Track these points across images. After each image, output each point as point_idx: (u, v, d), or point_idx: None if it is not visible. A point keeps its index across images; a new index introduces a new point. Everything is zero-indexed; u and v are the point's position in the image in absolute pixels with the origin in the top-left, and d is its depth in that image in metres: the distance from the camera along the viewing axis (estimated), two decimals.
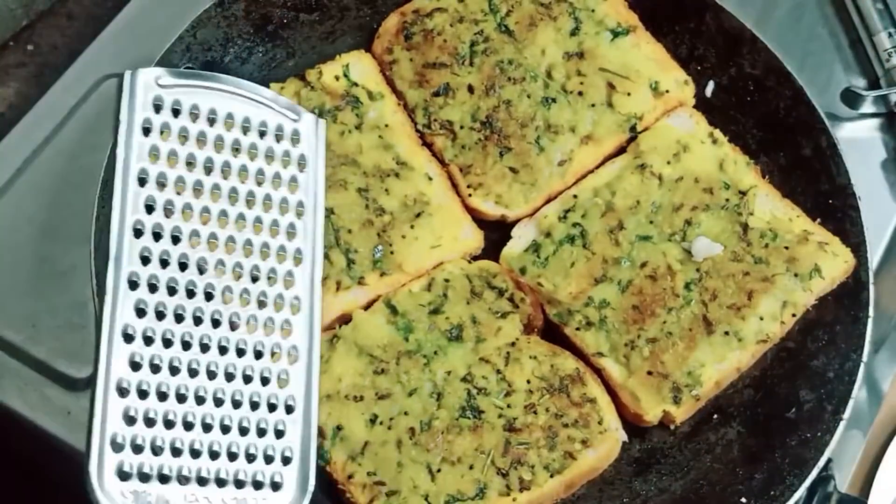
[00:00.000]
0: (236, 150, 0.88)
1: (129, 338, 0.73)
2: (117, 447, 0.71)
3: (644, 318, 1.15)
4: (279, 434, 0.74)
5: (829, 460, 1.14)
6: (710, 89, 1.30)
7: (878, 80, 1.39)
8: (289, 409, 0.75)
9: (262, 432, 0.74)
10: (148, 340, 0.73)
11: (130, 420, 0.70)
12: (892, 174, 1.37)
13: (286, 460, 0.74)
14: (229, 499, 0.72)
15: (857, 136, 1.37)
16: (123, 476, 0.70)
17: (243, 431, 0.73)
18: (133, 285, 0.76)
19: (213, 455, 0.72)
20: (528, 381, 1.12)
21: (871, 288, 1.18)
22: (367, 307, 1.14)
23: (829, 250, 1.19)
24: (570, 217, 1.20)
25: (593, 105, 1.24)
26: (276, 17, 1.26)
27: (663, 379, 1.13)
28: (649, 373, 1.13)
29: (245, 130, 0.88)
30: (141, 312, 0.75)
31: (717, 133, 1.25)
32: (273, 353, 0.77)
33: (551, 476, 1.08)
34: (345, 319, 1.13)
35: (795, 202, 1.23)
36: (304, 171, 0.90)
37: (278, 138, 0.91)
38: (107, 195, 1.12)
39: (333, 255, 1.14)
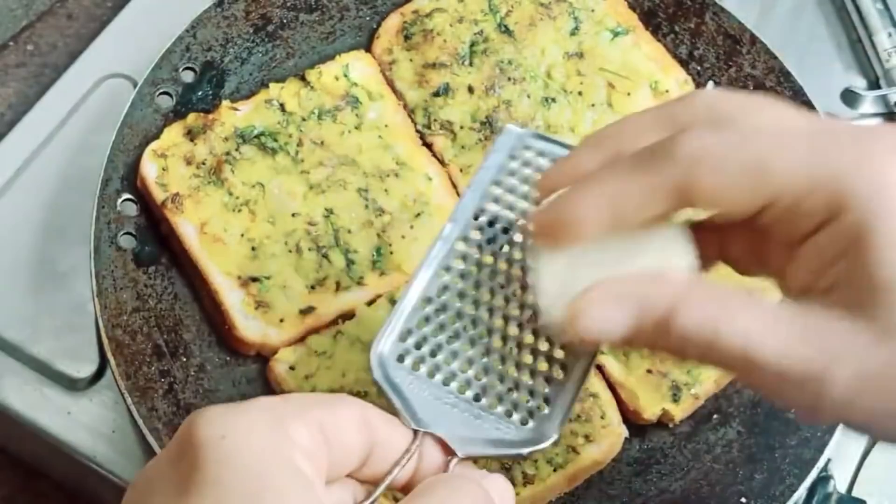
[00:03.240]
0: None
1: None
2: (403, 337, 0.79)
3: None
4: (547, 380, 0.79)
5: (829, 460, 1.14)
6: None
7: (878, 80, 1.39)
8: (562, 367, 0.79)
9: (531, 373, 0.79)
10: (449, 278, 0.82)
11: (421, 323, 0.80)
12: None
13: (546, 400, 0.78)
14: (479, 414, 0.77)
15: None
16: (400, 359, 0.79)
17: (515, 366, 0.80)
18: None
19: (479, 377, 0.79)
20: None
21: None
22: (368, 304, 1.14)
23: None
24: None
25: (593, 105, 1.24)
26: (276, 18, 1.26)
27: (662, 377, 1.13)
28: (648, 371, 1.14)
29: None
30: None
31: None
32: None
33: (554, 470, 1.08)
34: (348, 315, 1.13)
35: None
36: None
37: None
38: (107, 195, 1.12)
39: (333, 256, 1.14)
